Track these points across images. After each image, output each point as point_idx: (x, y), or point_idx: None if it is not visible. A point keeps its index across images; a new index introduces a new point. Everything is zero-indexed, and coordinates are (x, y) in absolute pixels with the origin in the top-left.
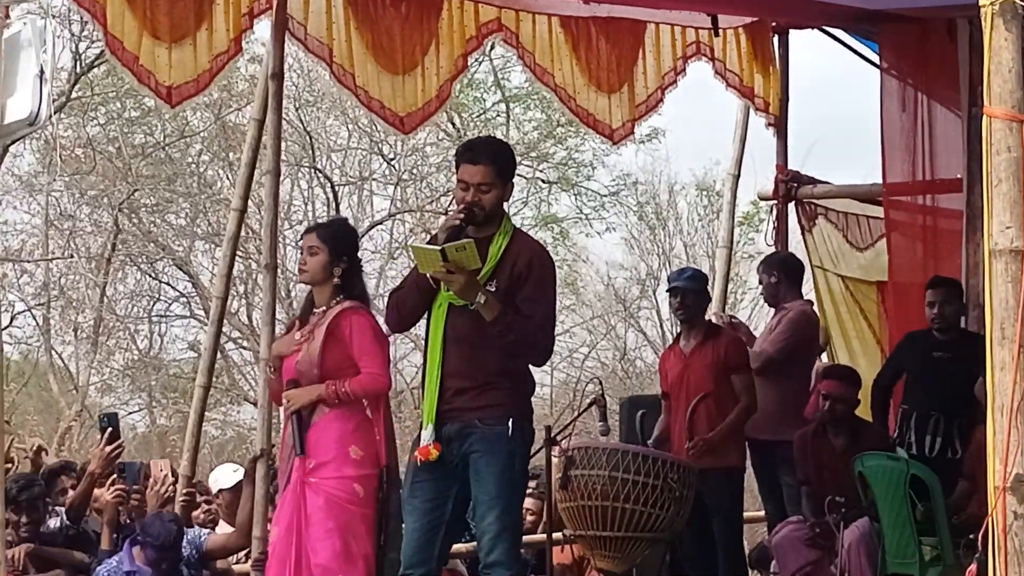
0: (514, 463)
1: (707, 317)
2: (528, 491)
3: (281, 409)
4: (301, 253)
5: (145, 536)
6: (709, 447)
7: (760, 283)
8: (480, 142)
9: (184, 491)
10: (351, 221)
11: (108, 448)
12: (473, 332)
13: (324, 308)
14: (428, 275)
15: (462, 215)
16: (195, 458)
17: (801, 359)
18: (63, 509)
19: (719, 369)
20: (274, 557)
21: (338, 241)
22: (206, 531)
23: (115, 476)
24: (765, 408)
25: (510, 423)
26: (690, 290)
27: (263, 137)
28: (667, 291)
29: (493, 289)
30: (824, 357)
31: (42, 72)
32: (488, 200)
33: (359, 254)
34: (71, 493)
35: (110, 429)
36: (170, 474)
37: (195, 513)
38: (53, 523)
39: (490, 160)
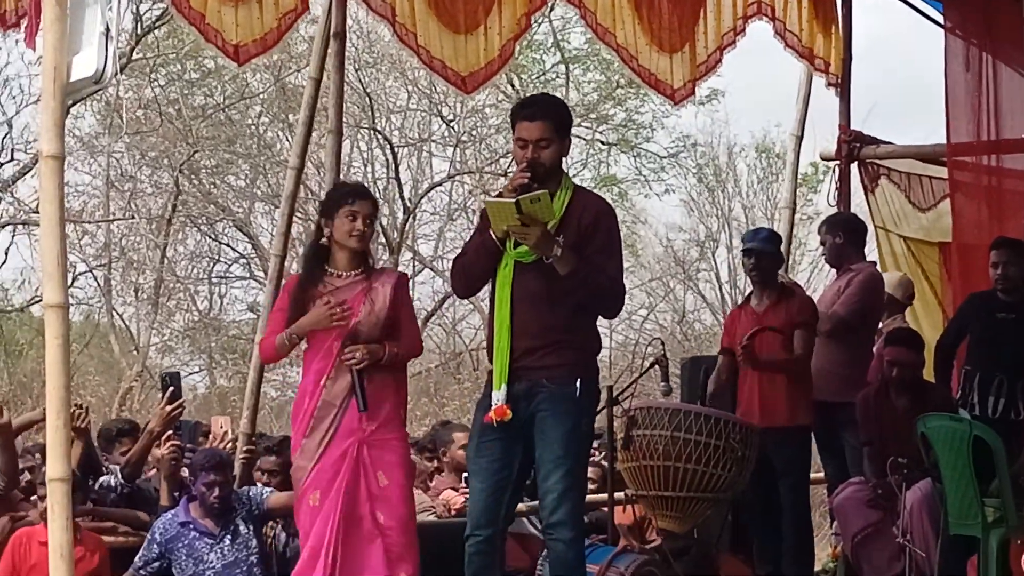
0: (580, 424)
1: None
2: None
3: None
4: (354, 219)
5: (197, 466)
6: (753, 359)
7: (823, 244)
8: (536, 98)
9: (244, 448)
10: (410, 183)
11: (169, 407)
12: (541, 290)
13: (357, 271)
14: (500, 232)
15: (528, 173)
16: (255, 416)
17: (869, 322)
18: (118, 468)
19: (792, 328)
20: (317, 515)
21: (377, 204)
22: (268, 489)
23: (171, 433)
24: (831, 369)
25: (578, 383)
26: (766, 252)
27: (320, 97)
28: (742, 252)
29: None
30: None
31: (108, 30)
32: (548, 156)
33: None
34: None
35: (171, 388)
36: (230, 431)
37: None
38: (108, 480)
39: (547, 115)
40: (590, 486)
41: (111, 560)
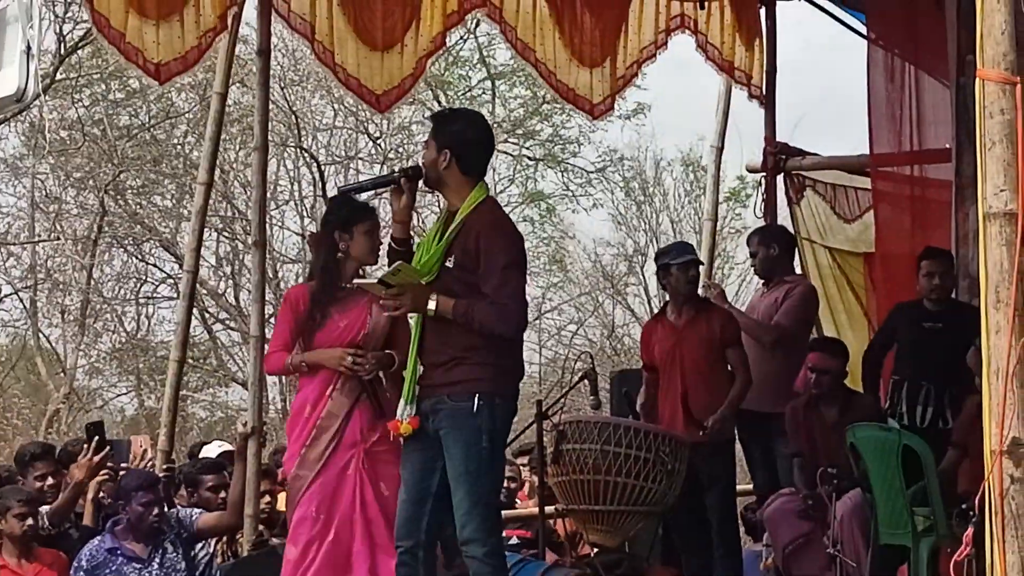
0: (480, 439)
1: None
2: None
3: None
4: (372, 234)
5: (126, 488)
6: (723, 425)
7: (754, 255)
8: (448, 109)
9: (164, 466)
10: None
11: (96, 457)
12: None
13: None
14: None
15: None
16: (173, 433)
17: (805, 333)
18: (46, 510)
19: (713, 343)
20: (325, 529)
21: None
22: (197, 511)
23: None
24: (763, 380)
25: (475, 399)
26: (699, 263)
27: (245, 115)
28: (681, 264)
29: (451, 265)
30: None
31: (29, 48)
32: (424, 158)
33: None
34: (58, 499)
35: (96, 437)
36: (149, 449)
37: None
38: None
39: (434, 120)
40: (513, 485)
41: None
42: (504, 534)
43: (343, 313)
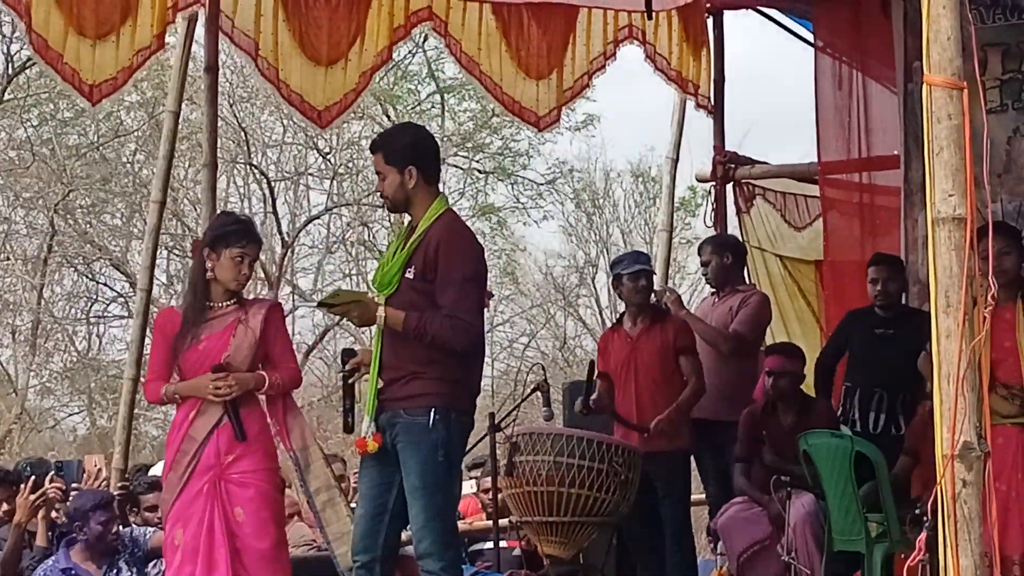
0: (436, 453)
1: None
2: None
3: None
4: (241, 261)
5: (82, 508)
6: (667, 429)
7: (706, 264)
8: (383, 132)
9: (119, 484)
10: (287, 217)
11: (32, 496)
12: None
13: (230, 302)
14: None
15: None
16: (127, 451)
17: (760, 342)
18: None
19: (668, 353)
20: (186, 556)
21: (259, 240)
22: (151, 529)
23: (53, 474)
24: (717, 388)
25: (432, 413)
26: (652, 272)
27: (194, 132)
28: (631, 273)
29: (411, 276)
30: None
31: None
32: (387, 187)
33: None
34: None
35: (34, 477)
36: (103, 468)
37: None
38: None
39: (379, 147)
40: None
41: None
42: (507, 545)
43: (209, 335)
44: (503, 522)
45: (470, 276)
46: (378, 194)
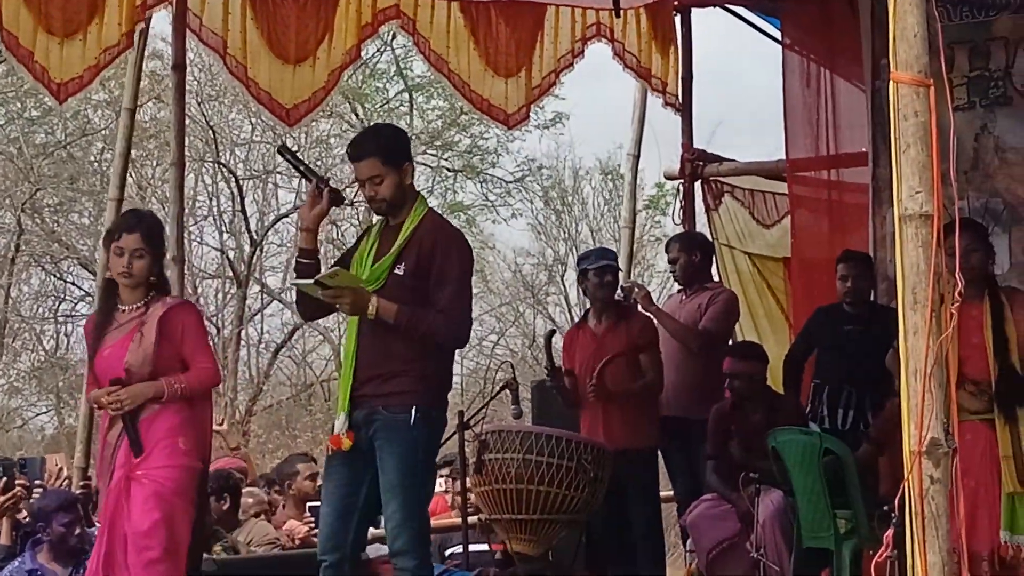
0: (416, 451)
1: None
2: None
3: (98, 409)
4: (120, 254)
5: (46, 510)
6: (606, 393)
7: (674, 261)
8: (361, 136)
9: (80, 483)
10: (256, 216)
11: (2, 498)
12: (382, 322)
13: (138, 304)
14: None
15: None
16: (88, 450)
17: (728, 339)
18: None
19: (632, 350)
20: (94, 556)
21: (156, 239)
22: None
23: (16, 472)
24: (685, 386)
25: (413, 411)
26: (617, 269)
27: (162, 131)
28: (596, 269)
29: (401, 272)
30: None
31: None
32: (384, 190)
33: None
34: None
35: (4, 479)
36: (64, 468)
37: None
38: None
39: (373, 151)
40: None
41: None
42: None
43: (113, 343)
44: (472, 520)
45: (466, 274)
46: (368, 199)
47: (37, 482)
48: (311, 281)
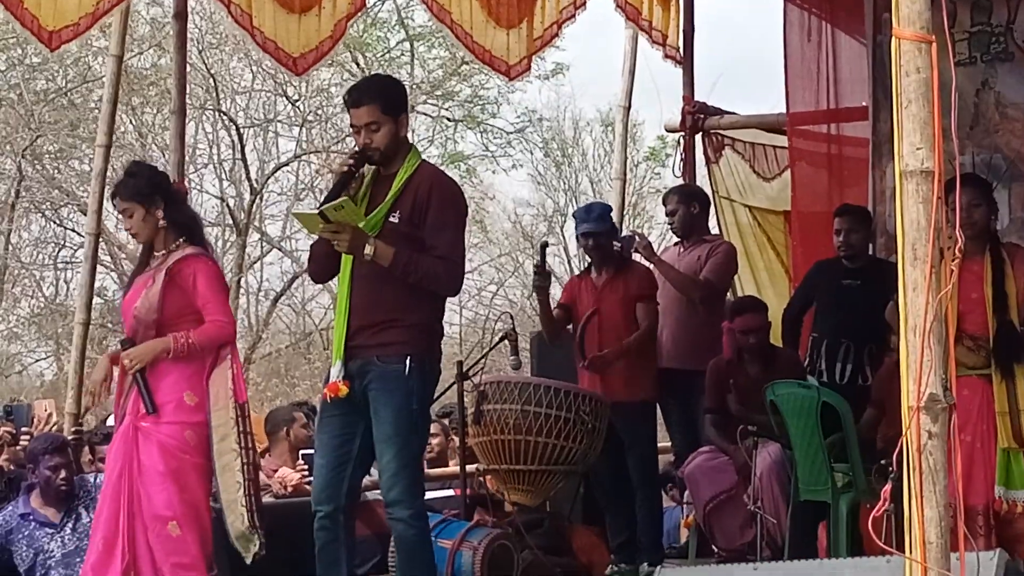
0: (411, 401)
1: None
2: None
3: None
4: (123, 214)
5: (34, 452)
6: (604, 363)
7: (672, 213)
8: (361, 83)
9: (72, 429)
10: (256, 164)
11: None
12: (378, 270)
13: (162, 252)
14: (317, 235)
15: (351, 161)
16: (79, 396)
17: (727, 291)
18: None
19: (630, 303)
20: (105, 502)
21: (141, 190)
22: None
23: (2, 419)
24: (685, 337)
25: (407, 361)
26: (601, 232)
27: (163, 78)
28: (578, 234)
29: (396, 220)
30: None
31: None
32: (380, 138)
33: (169, 186)
34: None
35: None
36: (54, 413)
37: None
38: None
39: (372, 98)
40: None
41: None
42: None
43: (133, 290)
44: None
45: (463, 222)
46: (363, 147)
47: (24, 429)
48: (315, 211)
